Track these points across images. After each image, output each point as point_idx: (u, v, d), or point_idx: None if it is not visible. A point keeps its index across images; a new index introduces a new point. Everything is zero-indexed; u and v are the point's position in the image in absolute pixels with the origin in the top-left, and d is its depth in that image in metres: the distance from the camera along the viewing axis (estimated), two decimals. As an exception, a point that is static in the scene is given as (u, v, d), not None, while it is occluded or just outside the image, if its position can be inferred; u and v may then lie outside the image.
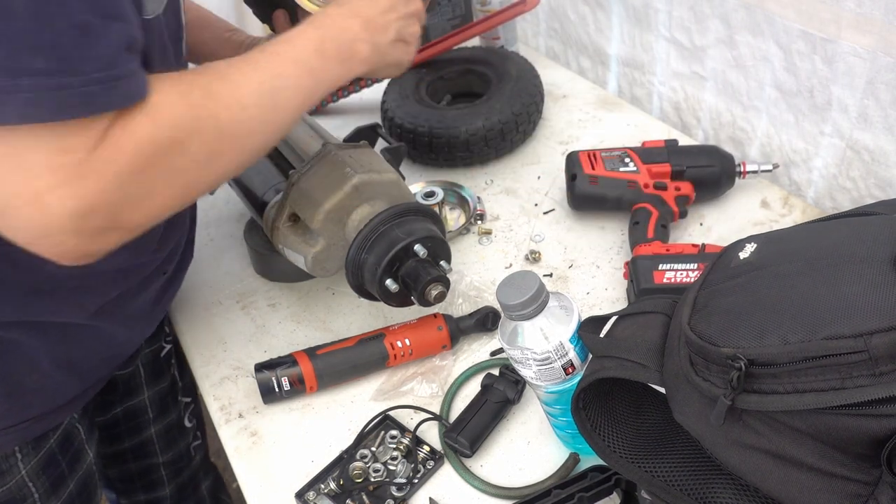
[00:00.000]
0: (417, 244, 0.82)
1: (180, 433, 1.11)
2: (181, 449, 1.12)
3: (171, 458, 1.11)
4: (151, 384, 1.04)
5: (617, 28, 1.32)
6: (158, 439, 1.07)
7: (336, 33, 0.72)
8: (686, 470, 0.64)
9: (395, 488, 0.77)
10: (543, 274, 1.00)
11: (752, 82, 1.11)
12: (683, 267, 0.88)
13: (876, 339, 0.46)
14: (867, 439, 0.47)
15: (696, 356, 0.55)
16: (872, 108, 0.95)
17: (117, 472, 1.09)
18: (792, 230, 0.63)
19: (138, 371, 1.01)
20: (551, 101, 1.31)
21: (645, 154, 1.04)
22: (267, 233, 0.95)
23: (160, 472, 1.11)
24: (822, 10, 0.94)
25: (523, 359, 0.69)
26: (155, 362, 1.03)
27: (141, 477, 1.10)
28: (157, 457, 1.09)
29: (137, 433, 1.05)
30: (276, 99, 0.65)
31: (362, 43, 0.74)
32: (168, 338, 1.06)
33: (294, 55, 0.68)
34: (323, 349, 0.88)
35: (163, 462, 1.10)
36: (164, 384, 1.05)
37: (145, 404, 1.04)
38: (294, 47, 0.69)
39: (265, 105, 0.64)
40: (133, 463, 1.08)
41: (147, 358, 1.02)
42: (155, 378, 1.04)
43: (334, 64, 0.71)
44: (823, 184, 1.07)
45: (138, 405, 1.03)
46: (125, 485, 1.11)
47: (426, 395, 0.87)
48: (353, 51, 0.73)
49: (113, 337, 0.83)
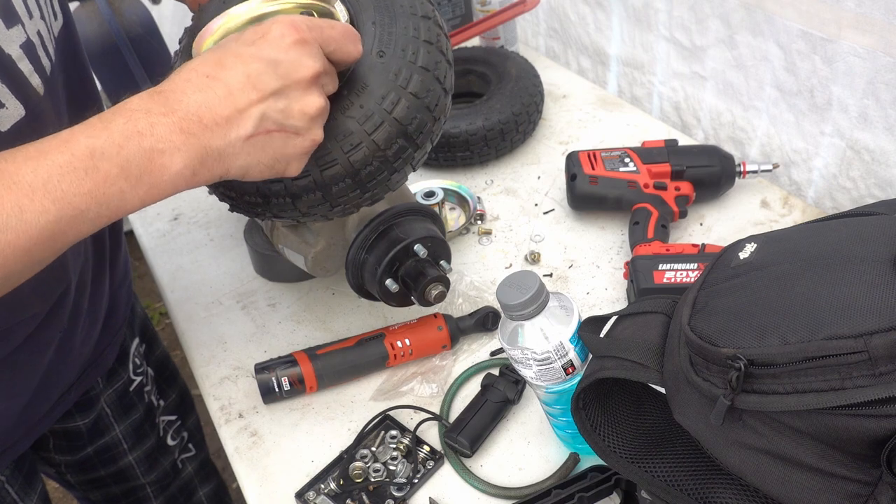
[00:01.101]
0: (417, 244, 0.82)
1: (162, 453, 1.08)
2: (166, 467, 1.09)
3: (156, 478, 1.08)
4: (122, 419, 0.99)
5: (617, 28, 1.32)
6: (139, 464, 1.04)
7: (122, 142, 0.50)
8: (686, 470, 0.64)
9: (395, 488, 0.77)
10: (543, 274, 1.00)
11: (752, 82, 1.11)
12: (683, 267, 0.88)
13: (876, 339, 0.46)
14: (867, 439, 0.47)
15: (696, 356, 0.55)
16: (872, 108, 0.95)
17: (100, 494, 1.06)
18: (792, 230, 0.63)
19: (103, 412, 0.97)
20: (551, 101, 1.31)
21: (645, 154, 1.04)
22: (267, 233, 0.95)
23: (146, 491, 1.08)
24: (823, 10, 0.94)
25: (523, 359, 0.69)
26: (123, 398, 0.99)
27: (126, 497, 1.08)
28: (140, 479, 1.06)
29: (113, 463, 1.02)
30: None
31: (172, 154, 0.51)
32: (140, 369, 1.01)
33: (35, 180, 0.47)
34: (323, 349, 0.88)
35: (147, 482, 1.07)
36: (136, 415, 1.01)
37: (118, 439, 1.00)
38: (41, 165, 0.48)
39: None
40: (115, 486, 1.06)
41: (111, 397, 0.97)
42: (125, 413, 1.00)
43: (117, 189, 0.50)
44: (823, 184, 1.07)
45: (110, 441, 0.99)
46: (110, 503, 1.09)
47: (426, 395, 0.87)
48: (152, 168, 0.51)
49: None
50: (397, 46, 0.62)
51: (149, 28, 1.33)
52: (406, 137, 0.63)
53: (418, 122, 0.64)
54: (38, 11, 0.61)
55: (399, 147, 0.63)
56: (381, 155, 0.63)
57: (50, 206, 0.48)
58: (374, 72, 0.62)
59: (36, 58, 0.60)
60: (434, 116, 0.65)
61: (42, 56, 0.61)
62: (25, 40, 0.58)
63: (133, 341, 1.01)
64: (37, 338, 0.73)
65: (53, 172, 0.48)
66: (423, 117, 0.64)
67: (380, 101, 0.61)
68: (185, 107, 0.52)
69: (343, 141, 0.61)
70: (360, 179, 0.63)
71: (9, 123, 0.57)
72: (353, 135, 0.61)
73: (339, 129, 0.61)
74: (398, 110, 0.62)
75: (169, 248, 1.14)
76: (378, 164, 0.63)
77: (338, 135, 0.61)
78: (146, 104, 0.52)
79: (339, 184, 0.63)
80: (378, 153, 0.62)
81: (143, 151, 0.50)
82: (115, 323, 0.93)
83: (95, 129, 0.50)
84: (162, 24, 1.38)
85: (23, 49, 0.58)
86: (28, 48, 0.59)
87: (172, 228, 1.17)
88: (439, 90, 0.65)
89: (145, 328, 1.06)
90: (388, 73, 0.62)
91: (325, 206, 0.65)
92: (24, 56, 0.58)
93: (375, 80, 0.62)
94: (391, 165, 0.64)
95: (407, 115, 0.63)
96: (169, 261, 1.11)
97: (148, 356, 1.06)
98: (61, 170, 0.48)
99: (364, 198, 0.67)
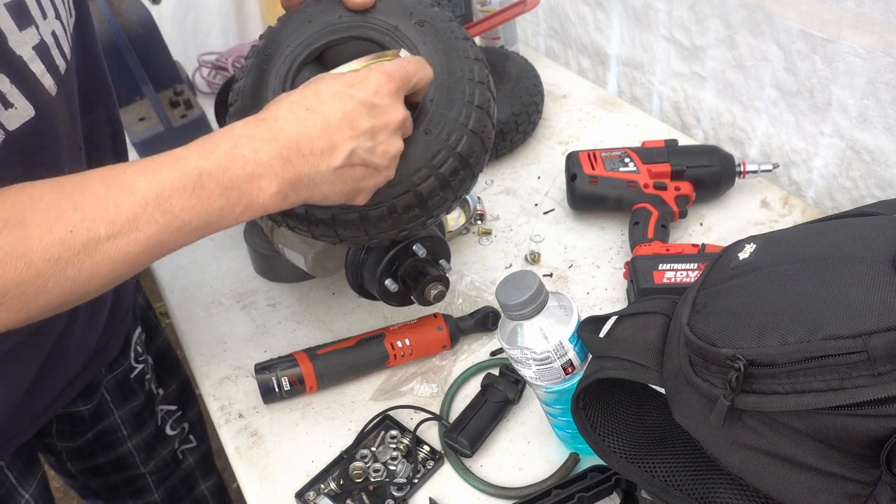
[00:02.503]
0: (417, 243, 0.82)
1: (161, 442, 1.08)
2: (165, 457, 1.09)
3: (156, 467, 1.09)
4: (121, 405, 1.01)
5: (617, 28, 1.32)
6: (138, 452, 1.05)
7: (227, 165, 0.54)
8: (686, 470, 0.64)
9: (395, 488, 0.77)
10: (543, 274, 1.00)
11: (752, 82, 1.11)
12: (683, 267, 0.88)
13: (875, 339, 0.46)
14: (866, 439, 0.47)
15: (696, 356, 0.55)
16: (872, 108, 0.95)
17: (100, 482, 1.07)
18: (791, 230, 0.63)
19: (104, 398, 0.98)
20: (551, 101, 1.31)
21: (645, 154, 1.04)
22: (267, 233, 0.95)
23: (146, 480, 1.09)
24: (823, 10, 0.94)
25: (523, 359, 0.69)
26: (123, 385, 1.00)
27: (126, 485, 1.08)
28: (140, 468, 1.07)
29: (112, 449, 1.03)
30: (89, 255, 0.51)
31: (270, 178, 0.56)
32: (141, 357, 1.02)
33: (149, 192, 0.52)
34: (323, 349, 0.88)
35: (147, 471, 1.08)
36: (136, 402, 1.02)
37: (117, 424, 1.01)
38: (155, 179, 0.53)
39: (66, 261, 0.50)
40: (115, 475, 1.06)
41: (111, 384, 0.98)
42: (124, 399, 1.01)
43: (216, 208, 0.55)
44: (823, 184, 1.07)
45: (109, 425, 1.00)
46: (110, 493, 1.09)
47: (426, 395, 0.87)
48: (251, 189, 0.55)
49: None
50: (444, 130, 0.69)
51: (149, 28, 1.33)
52: (423, 208, 0.71)
53: (439, 198, 0.71)
54: (52, 11, 0.62)
55: (415, 213, 0.71)
56: (446, 182, 0.70)
57: (159, 218, 0.53)
58: (416, 146, 0.68)
59: (49, 58, 0.62)
60: (456, 196, 0.73)
61: (56, 56, 0.63)
62: (39, 42, 0.60)
63: (136, 330, 1.02)
64: (39, 331, 0.74)
65: (165, 187, 0.53)
66: (444, 195, 0.71)
67: (411, 175, 0.68)
68: (286, 135, 0.57)
69: (415, 175, 0.68)
70: (427, 207, 0.71)
71: (17, 123, 0.59)
72: (422, 169, 0.68)
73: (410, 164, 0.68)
74: (425, 186, 0.69)
75: (169, 248, 1.14)
76: (442, 194, 0.71)
77: (409, 169, 0.68)
78: (251, 130, 0.57)
79: (410, 212, 0.70)
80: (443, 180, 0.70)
81: (245, 175, 0.55)
82: (120, 313, 0.94)
83: (205, 150, 0.55)
84: (162, 24, 1.38)
85: (35, 50, 0.60)
86: (41, 49, 0.61)
87: (172, 228, 1.17)
88: (468, 175, 0.72)
89: (146, 317, 1.07)
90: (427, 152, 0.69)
91: (394, 231, 0.72)
92: (36, 57, 0.60)
93: (414, 155, 0.68)
94: (454, 193, 0.72)
95: (431, 191, 0.70)
96: (169, 261, 1.11)
97: (148, 345, 1.06)
98: (172, 185, 0.53)
99: (428, 222, 0.74)
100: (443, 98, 0.69)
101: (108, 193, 0.52)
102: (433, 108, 0.69)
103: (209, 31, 1.77)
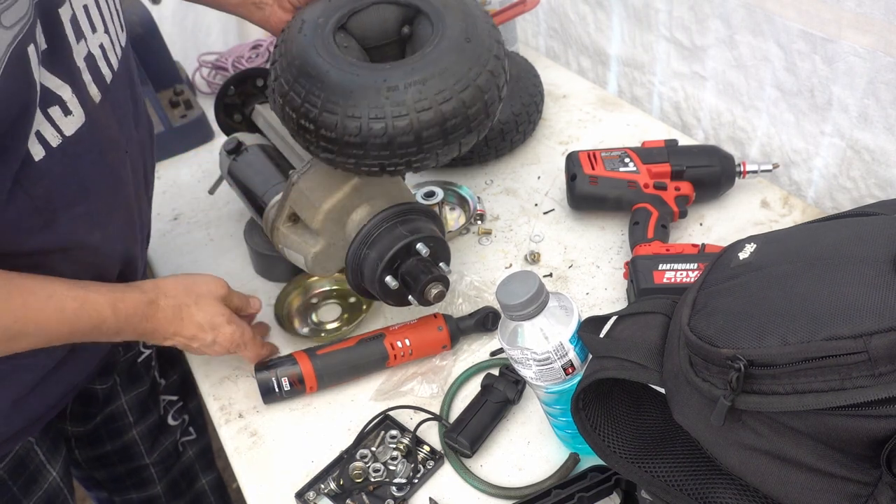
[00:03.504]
0: (420, 242, 0.82)
1: (163, 432, 1.10)
2: (167, 448, 1.11)
3: (159, 458, 1.10)
4: (128, 389, 1.03)
5: (617, 28, 1.32)
6: (142, 440, 1.07)
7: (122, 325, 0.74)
8: (686, 470, 0.64)
9: (395, 488, 0.77)
10: (543, 274, 1.00)
11: (753, 82, 1.11)
12: (683, 267, 0.88)
13: (875, 339, 0.46)
14: (867, 440, 0.47)
15: (696, 357, 0.55)
16: (873, 108, 0.95)
17: (105, 473, 1.08)
18: (791, 230, 0.63)
19: (115, 380, 1.01)
20: (551, 101, 1.31)
21: (645, 154, 1.04)
22: (267, 233, 0.95)
23: (150, 471, 1.10)
24: (823, 10, 0.94)
25: (523, 359, 0.69)
26: (131, 369, 1.03)
27: (130, 476, 1.10)
28: (144, 458, 1.08)
29: (119, 436, 1.05)
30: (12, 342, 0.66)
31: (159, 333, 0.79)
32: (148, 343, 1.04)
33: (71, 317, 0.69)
34: (323, 349, 0.88)
35: (151, 462, 1.09)
36: (142, 388, 1.05)
37: (124, 409, 1.03)
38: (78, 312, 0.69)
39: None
40: (120, 465, 1.08)
41: (123, 367, 1.01)
42: (132, 383, 1.04)
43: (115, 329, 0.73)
44: (824, 183, 1.07)
45: (116, 410, 1.03)
46: (115, 484, 1.10)
47: (426, 395, 0.87)
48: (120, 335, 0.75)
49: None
50: (480, 39, 0.80)
51: (149, 28, 1.33)
52: (482, 103, 0.79)
53: (491, 95, 0.80)
54: (101, 25, 0.70)
55: (477, 109, 0.79)
56: (465, 113, 0.78)
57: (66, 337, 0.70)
58: (463, 51, 0.78)
59: (96, 69, 0.69)
60: (500, 96, 0.82)
61: (102, 66, 0.71)
62: (87, 53, 0.67)
63: None
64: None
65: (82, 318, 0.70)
66: (493, 94, 0.80)
67: (467, 71, 0.77)
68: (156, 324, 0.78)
69: (438, 95, 0.76)
70: (446, 130, 0.78)
71: (73, 129, 0.66)
72: (445, 90, 0.76)
73: (435, 86, 0.76)
74: (481, 79, 0.78)
75: (169, 248, 1.14)
76: (461, 120, 0.78)
77: (433, 90, 0.76)
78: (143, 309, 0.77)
79: (430, 129, 0.77)
80: (463, 109, 0.77)
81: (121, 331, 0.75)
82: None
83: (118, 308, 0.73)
84: (162, 24, 1.38)
85: (86, 61, 0.67)
86: (89, 60, 0.68)
87: (172, 228, 1.17)
88: (504, 78, 0.82)
89: None
90: (473, 53, 0.78)
91: (414, 151, 0.78)
92: (86, 68, 0.67)
93: (463, 57, 0.78)
94: (469, 124, 0.79)
95: (487, 84, 0.79)
96: (169, 261, 1.11)
97: None
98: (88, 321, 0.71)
99: (444, 150, 0.80)
100: (469, 23, 0.80)
101: (48, 305, 0.67)
102: (464, 23, 0.79)
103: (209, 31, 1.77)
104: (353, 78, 0.76)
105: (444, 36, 0.79)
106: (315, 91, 0.77)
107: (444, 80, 0.76)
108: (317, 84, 0.77)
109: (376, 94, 0.75)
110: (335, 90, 0.76)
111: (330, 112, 0.76)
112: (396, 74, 0.76)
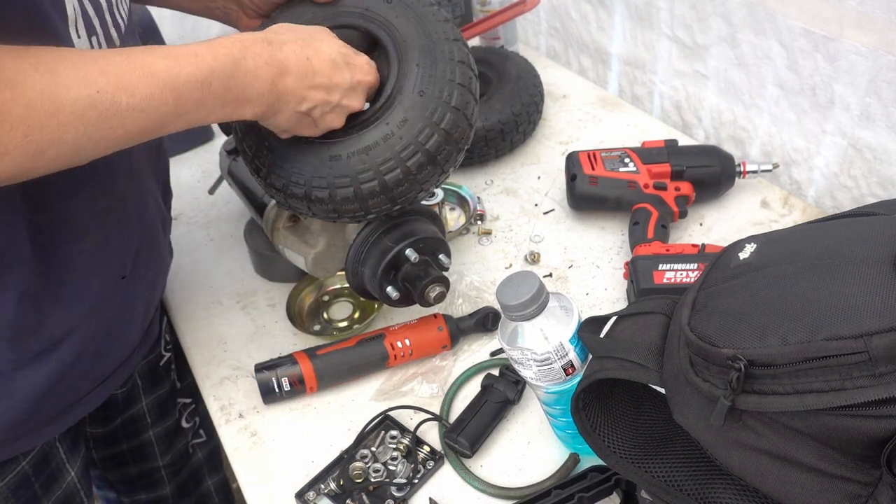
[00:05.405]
0: (408, 248, 0.81)
1: (178, 435, 1.10)
2: (180, 450, 1.11)
3: (171, 460, 1.10)
4: (149, 392, 1.03)
5: (619, 26, 1.31)
6: (158, 442, 1.07)
7: (233, 72, 0.62)
8: (686, 470, 0.64)
9: (395, 488, 0.77)
10: (543, 274, 1.00)
11: (754, 81, 1.10)
12: (683, 267, 0.88)
13: (876, 339, 0.46)
14: (867, 440, 0.47)
15: (696, 357, 0.55)
16: (874, 107, 0.94)
17: (118, 474, 1.09)
18: (792, 230, 0.63)
19: (136, 383, 1.00)
20: (551, 101, 1.31)
21: (645, 154, 1.04)
22: (267, 233, 0.95)
23: (161, 474, 1.10)
24: (825, 9, 0.94)
25: (523, 359, 0.68)
26: (153, 371, 1.02)
27: (141, 478, 1.10)
28: (157, 459, 1.08)
29: (135, 437, 1.05)
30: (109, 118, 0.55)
31: (261, 97, 0.66)
32: (168, 346, 1.04)
33: (167, 77, 0.58)
34: (323, 349, 0.88)
35: (163, 465, 1.10)
36: (162, 391, 1.04)
37: (143, 411, 1.03)
38: (173, 67, 0.59)
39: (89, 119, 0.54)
40: (133, 466, 1.08)
41: (143, 369, 1.00)
42: (152, 386, 1.03)
43: (214, 105, 0.62)
44: (824, 182, 1.07)
45: (136, 413, 1.03)
46: (126, 486, 1.11)
47: (426, 396, 0.87)
48: (245, 99, 0.65)
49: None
50: (436, 88, 0.74)
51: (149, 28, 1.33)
52: (434, 164, 0.76)
53: (446, 153, 0.76)
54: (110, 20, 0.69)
55: (427, 172, 0.76)
56: (413, 178, 0.75)
57: (171, 102, 0.59)
58: (414, 109, 0.74)
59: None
60: (459, 147, 0.78)
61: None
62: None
63: (164, 317, 1.04)
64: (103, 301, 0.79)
65: (181, 76, 0.59)
66: (450, 149, 0.76)
67: (416, 135, 0.74)
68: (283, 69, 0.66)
69: (383, 165, 0.74)
70: (392, 196, 0.76)
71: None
72: (391, 160, 0.74)
73: (379, 154, 0.74)
74: (431, 143, 0.74)
75: (169, 248, 1.14)
76: (408, 185, 0.76)
77: (377, 158, 0.74)
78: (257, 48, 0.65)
79: (375, 198, 0.75)
80: (409, 176, 0.75)
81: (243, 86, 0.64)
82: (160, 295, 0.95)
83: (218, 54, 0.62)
84: (162, 24, 1.38)
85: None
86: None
87: (172, 228, 1.17)
88: (466, 125, 0.77)
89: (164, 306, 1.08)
90: (425, 111, 0.74)
91: (361, 213, 0.77)
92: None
93: (414, 116, 0.74)
94: (419, 186, 0.77)
95: (437, 147, 0.75)
96: (169, 261, 1.11)
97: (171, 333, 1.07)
98: (187, 77, 0.59)
99: (393, 209, 0.78)
100: (427, 60, 0.75)
101: (129, 69, 0.56)
102: (420, 70, 0.74)
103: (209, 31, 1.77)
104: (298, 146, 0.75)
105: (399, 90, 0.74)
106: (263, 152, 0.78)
107: (390, 147, 0.73)
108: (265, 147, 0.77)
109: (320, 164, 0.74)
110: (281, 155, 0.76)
111: (277, 175, 0.77)
112: (340, 146, 0.74)
